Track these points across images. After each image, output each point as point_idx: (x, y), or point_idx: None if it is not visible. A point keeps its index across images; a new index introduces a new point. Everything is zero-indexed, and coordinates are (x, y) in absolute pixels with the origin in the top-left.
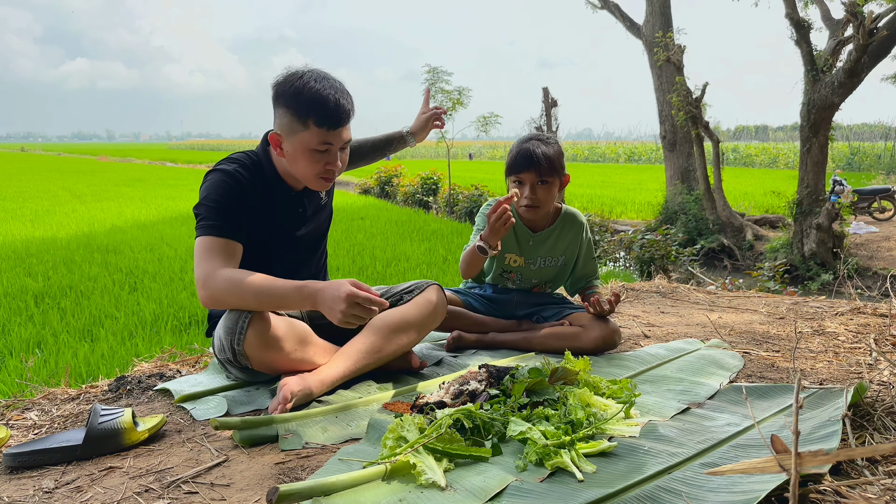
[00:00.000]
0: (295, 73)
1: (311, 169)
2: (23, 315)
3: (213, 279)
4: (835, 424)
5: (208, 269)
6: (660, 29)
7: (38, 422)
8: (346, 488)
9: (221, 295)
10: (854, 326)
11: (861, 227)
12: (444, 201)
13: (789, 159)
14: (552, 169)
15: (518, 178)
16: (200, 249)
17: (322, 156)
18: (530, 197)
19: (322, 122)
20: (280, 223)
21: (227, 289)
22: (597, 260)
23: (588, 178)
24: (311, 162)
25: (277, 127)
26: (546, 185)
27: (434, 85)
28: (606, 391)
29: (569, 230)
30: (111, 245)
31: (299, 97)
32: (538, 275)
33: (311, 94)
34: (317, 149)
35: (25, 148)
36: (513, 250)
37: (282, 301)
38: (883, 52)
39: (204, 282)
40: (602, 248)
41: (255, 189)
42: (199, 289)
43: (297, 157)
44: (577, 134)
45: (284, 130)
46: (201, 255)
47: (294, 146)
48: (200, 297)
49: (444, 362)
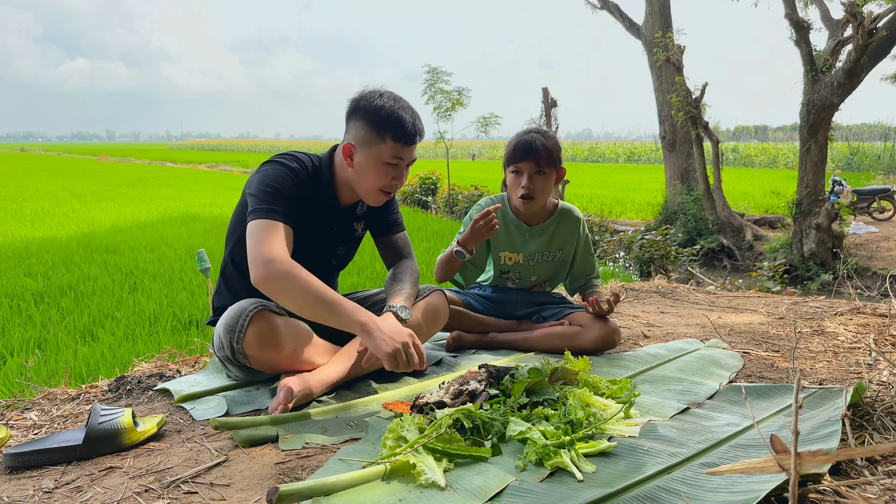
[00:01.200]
0: (374, 90)
1: (377, 181)
2: (23, 315)
3: (278, 262)
4: (834, 424)
5: (273, 251)
6: (659, 29)
7: (38, 422)
8: (346, 488)
9: (281, 282)
10: (853, 326)
11: (860, 227)
12: (443, 201)
13: (789, 159)
14: (550, 160)
15: (517, 168)
16: (261, 230)
17: (391, 170)
18: (527, 186)
19: (399, 137)
20: (311, 229)
21: (289, 279)
22: (595, 257)
23: (588, 178)
24: (379, 174)
25: (352, 138)
26: (543, 175)
27: (434, 85)
28: (606, 391)
29: (565, 225)
30: (111, 245)
31: (380, 112)
32: (536, 271)
33: (391, 111)
34: (389, 162)
35: (25, 148)
36: (508, 248)
37: (334, 314)
38: (882, 52)
39: (266, 261)
40: (602, 248)
41: (309, 191)
42: (259, 266)
43: (367, 168)
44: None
45: (360, 142)
46: (263, 235)
47: (367, 158)
48: (257, 274)
49: (444, 362)
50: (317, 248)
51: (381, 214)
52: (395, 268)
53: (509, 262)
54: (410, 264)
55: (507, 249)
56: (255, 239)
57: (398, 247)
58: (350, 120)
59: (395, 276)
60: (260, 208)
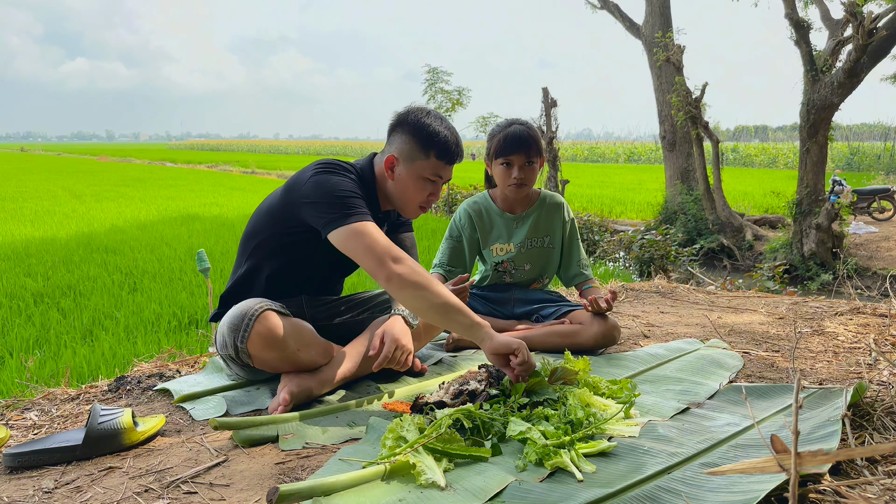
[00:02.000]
0: (421, 108)
1: (417, 195)
2: (22, 315)
3: (403, 261)
4: (834, 424)
5: (393, 250)
6: (659, 29)
7: (38, 422)
8: (346, 488)
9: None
10: (853, 326)
11: (860, 227)
12: (442, 201)
13: (789, 159)
14: (538, 150)
15: (507, 160)
16: (370, 233)
17: (430, 185)
18: (519, 177)
19: (442, 155)
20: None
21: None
22: (580, 241)
23: (588, 178)
24: (419, 189)
25: (396, 151)
26: (532, 165)
27: (434, 85)
28: (606, 391)
29: (549, 210)
30: (111, 245)
31: (427, 129)
32: (528, 258)
33: (437, 129)
34: (429, 178)
35: (25, 148)
36: (498, 240)
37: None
38: (882, 52)
39: (396, 262)
40: (602, 248)
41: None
42: (387, 266)
43: (408, 181)
44: (577, 134)
45: (404, 156)
46: (376, 237)
47: (409, 171)
48: (388, 271)
49: (444, 362)
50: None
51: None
52: None
53: (501, 252)
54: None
55: (498, 241)
56: (367, 242)
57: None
58: (395, 132)
59: None
60: (348, 212)
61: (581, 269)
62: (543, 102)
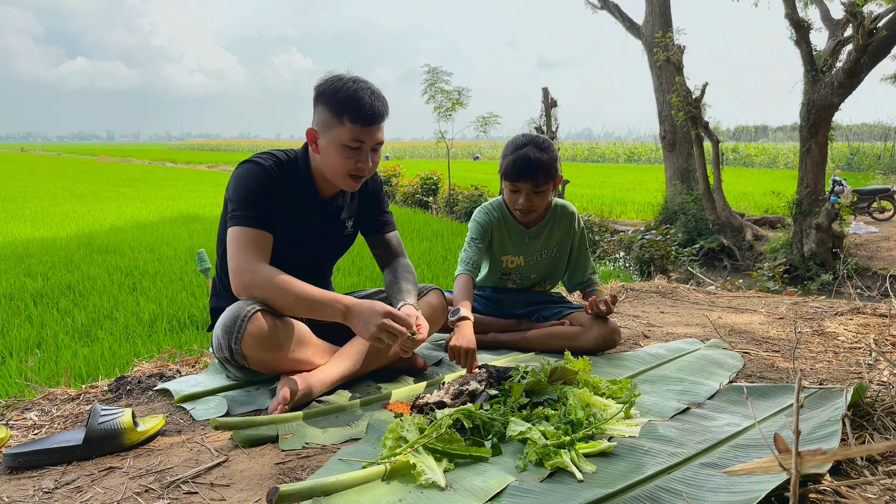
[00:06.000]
0: (336, 75)
1: (341, 165)
2: (22, 315)
3: (251, 272)
4: (834, 424)
5: (245, 262)
6: (659, 29)
7: (38, 422)
8: (346, 488)
9: (257, 290)
10: (854, 327)
11: (861, 227)
12: (443, 201)
13: (789, 159)
14: (548, 178)
15: (515, 187)
16: (236, 240)
17: (354, 153)
18: (525, 205)
19: (356, 118)
20: (295, 225)
21: (265, 286)
22: (589, 251)
23: (588, 178)
24: (342, 158)
25: (315, 123)
26: (541, 193)
27: (434, 85)
28: (606, 391)
29: (561, 221)
30: (111, 245)
31: (336, 95)
32: (536, 269)
33: (347, 93)
34: (349, 145)
35: (25, 148)
36: (510, 252)
37: (315, 307)
38: (882, 52)
39: (241, 274)
40: (602, 248)
41: (285, 186)
42: (235, 279)
43: (330, 152)
44: (577, 134)
45: (321, 126)
46: (237, 246)
47: (328, 141)
48: (234, 286)
49: (444, 362)
50: (301, 242)
51: (373, 214)
52: (393, 267)
53: (511, 265)
54: (408, 264)
55: (510, 253)
56: (233, 250)
57: (392, 245)
58: (314, 105)
59: (397, 275)
60: (237, 214)
61: (585, 278)
62: (543, 102)
